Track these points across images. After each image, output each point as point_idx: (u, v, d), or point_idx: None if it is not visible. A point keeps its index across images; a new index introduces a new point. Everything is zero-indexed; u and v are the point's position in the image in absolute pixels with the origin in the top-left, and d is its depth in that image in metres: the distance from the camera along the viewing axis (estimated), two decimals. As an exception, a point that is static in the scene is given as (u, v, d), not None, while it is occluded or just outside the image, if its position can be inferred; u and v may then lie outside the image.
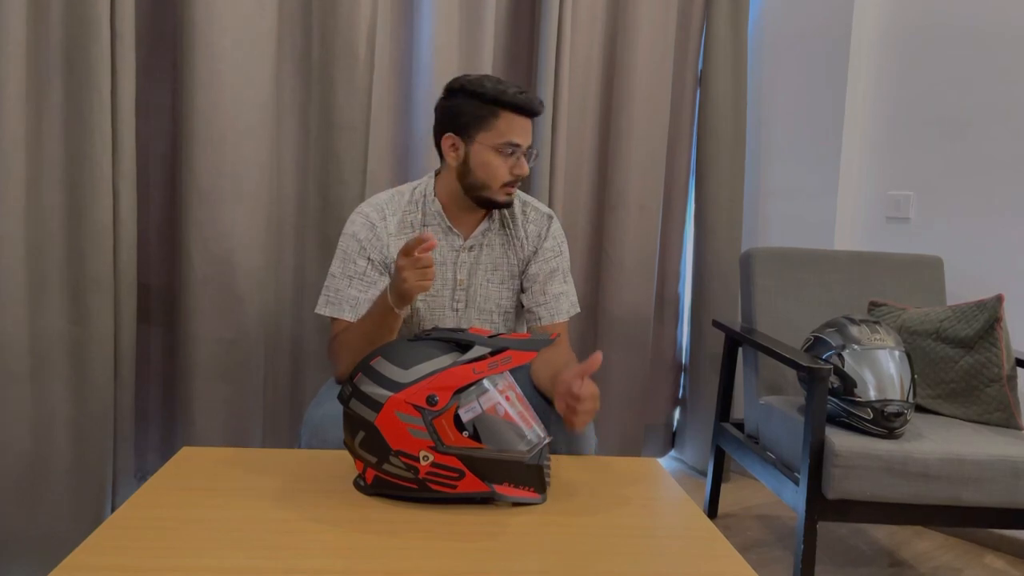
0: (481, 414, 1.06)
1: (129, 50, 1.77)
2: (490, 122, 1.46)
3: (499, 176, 1.48)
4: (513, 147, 1.47)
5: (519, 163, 1.49)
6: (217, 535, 0.95)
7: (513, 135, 1.46)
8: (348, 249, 1.53)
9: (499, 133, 1.46)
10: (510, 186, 1.51)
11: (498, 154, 1.47)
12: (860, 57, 2.59)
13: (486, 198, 1.51)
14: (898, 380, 1.77)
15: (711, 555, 0.98)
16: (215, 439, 1.99)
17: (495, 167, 1.48)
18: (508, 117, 1.46)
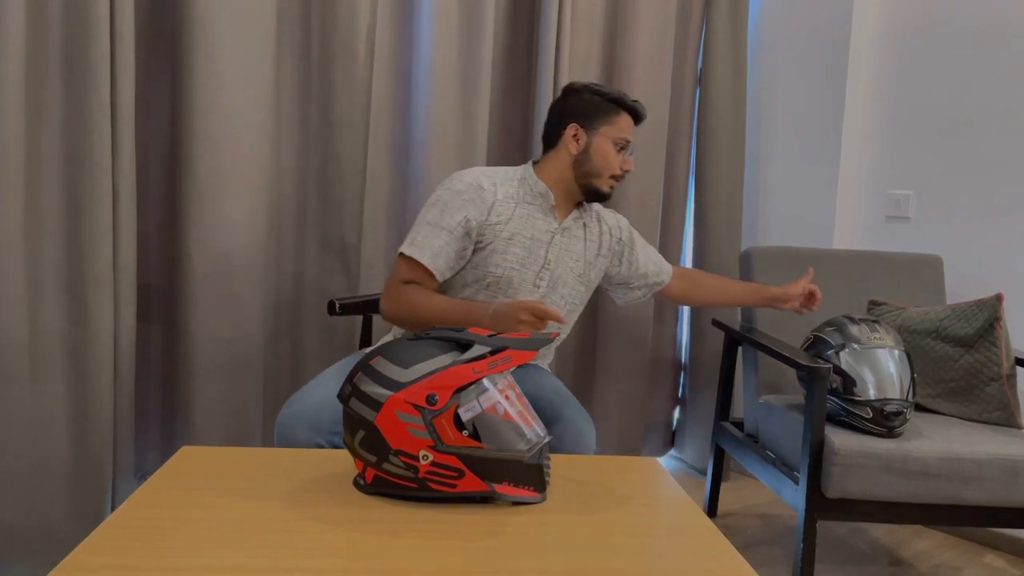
0: (481, 413, 1.06)
1: (129, 49, 1.77)
2: (612, 118, 1.67)
3: (612, 166, 1.67)
4: (627, 143, 1.67)
5: (627, 160, 1.69)
6: (217, 534, 0.95)
7: (628, 133, 1.68)
8: (448, 201, 1.58)
9: (619, 128, 1.67)
10: (616, 179, 1.69)
11: (615, 146, 1.66)
12: (860, 56, 2.59)
13: (594, 186, 1.67)
14: (897, 379, 1.77)
15: (711, 554, 0.98)
16: (215, 438, 1.99)
17: (611, 157, 1.66)
18: (626, 117, 1.69)
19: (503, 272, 1.60)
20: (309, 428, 1.40)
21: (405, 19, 2.22)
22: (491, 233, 1.59)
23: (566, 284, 1.69)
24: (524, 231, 1.62)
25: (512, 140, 2.45)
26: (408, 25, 2.22)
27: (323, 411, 1.43)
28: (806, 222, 2.68)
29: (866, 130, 2.62)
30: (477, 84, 2.24)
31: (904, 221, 2.54)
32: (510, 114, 2.44)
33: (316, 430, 1.41)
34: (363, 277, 2.18)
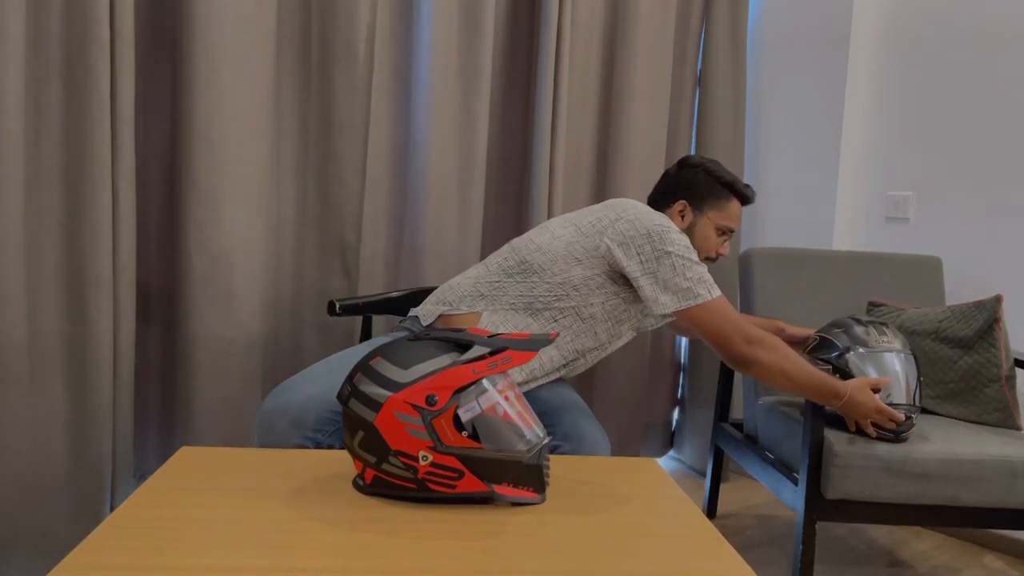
0: (480, 414, 1.06)
1: (128, 49, 1.77)
2: (723, 204, 1.70)
3: (709, 249, 1.71)
4: (730, 231, 1.71)
5: (725, 245, 1.72)
6: (216, 535, 0.95)
7: (735, 222, 1.72)
8: (677, 240, 1.54)
9: (727, 216, 1.71)
10: (712, 260, 1.74)
11: (718, 232, 1.71)
12: (860, 57, 2.59)
13: None
14: (904, 383, 1.75)
15: (710, 555, 0.98)
16: (214, 439, 1.99)
17: (712, 242, 1.71)
18: (737, 207, 1.72)
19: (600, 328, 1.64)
20: (291, 423, 1.38)
21: (405, 20, 2.22)
22: None
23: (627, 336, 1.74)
24: None
25: (512, 141, 2.45)
26: (408, 26, 2.23)
27: (309, 408, 1.40)
28: (806, 223, 2.68)
29: (866, 131, 2.62)
30: (477, 85, 2.24)
31: (903, 222, 2.54)
32: (510, 115, 2.44)
33: (298, 426, 1.38)
34: (363, 278, 2.18)
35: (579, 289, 1.56)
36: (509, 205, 2.47)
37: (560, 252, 1.57)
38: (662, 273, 1.52)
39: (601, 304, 1.58)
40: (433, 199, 2.22)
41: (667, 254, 1.52)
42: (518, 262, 1.61)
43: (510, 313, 1.58)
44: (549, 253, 1.58)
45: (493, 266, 1.64)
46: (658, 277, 1.52)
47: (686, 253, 1.53)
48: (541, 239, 1.62)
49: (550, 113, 2.35)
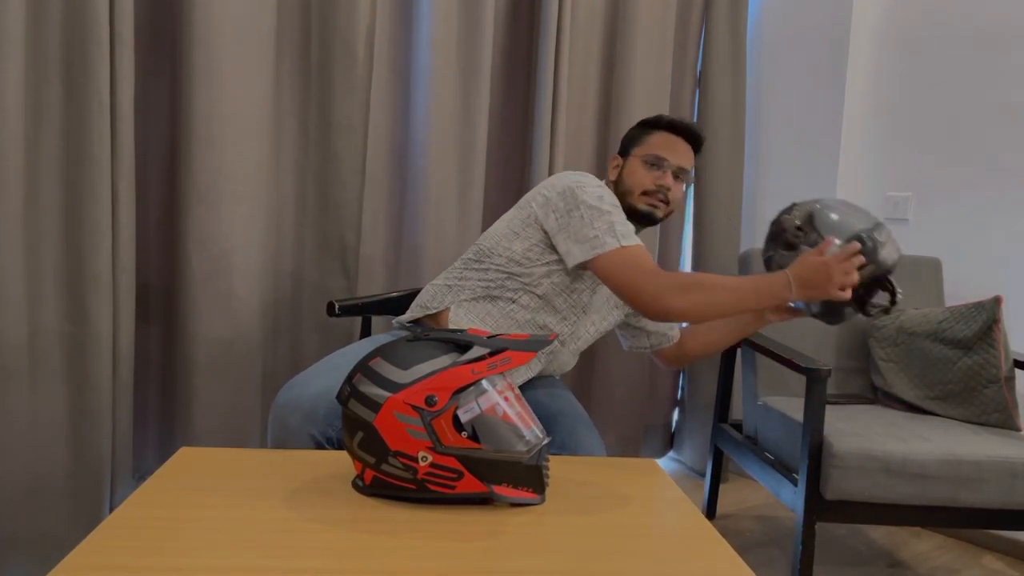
0: (480, 414, 1.06)
1: (128, 50, 1.77)
2: (645, 138, 1.66)
3: (641, 182, 1.63)
4: (658, 159, 1.63)
5: (663, 176, 1.62)
6: (216, 535, 0.95)
7: (659, 149, 1.63)
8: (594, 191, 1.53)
9: (649, 146, 1.64)
10: (651, 196, 1.62)
11: (644, 164, 1.63)
12: (859, 58, 2.59)
13: (629, 205, 1.63)
14: (843, 217, 1.56)
15: (709, 555, 0.98)
16: (213, 439, 1.99)
17: (639, 174, 1.63)
18: (660, 135, 1.65)
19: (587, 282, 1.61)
20: (304, 418, 1.38)
21: (404, 20, 2.22)
22: None
23: (600, 311, 1.69)
24: None
25: (512, 141, 2.45)
26: (407, 26, 2.23)
27: (319, 402, 1.41)
28: (805, 224, 2.68)
29: (865, 132, 2.62)
30: (476, 85, 2.24)
31: (903, 223, 2.54)
32: (510, 115, 2.44)
33: (310, 420, 1.39)
34: (362, 278, 2.18)
35: (522, 264, 1.56)
36: (509, 205, 2.47)
37: (503, 231, 1.61)
38: (572, 225, 1.50)
39: (547, 276, 1.57)
40: (433, 199, 2.22)
41: (577, 206, 1.50)
42: (475, 251, 1.64)
43: (472, 304, 1.60)
44: (495, 235, 1.62)
45: (458, 261, 1.68)
46: (570, 230, 1.51)
47: (597, 203, 1.50)
48: (493, 226, 1.66)
49: (550, 113, 2.35)
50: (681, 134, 1.65)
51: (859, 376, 2.24)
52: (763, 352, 2.04)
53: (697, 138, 1.67)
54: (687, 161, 1.65)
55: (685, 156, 1.65)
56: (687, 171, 1.66)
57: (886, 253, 1.50)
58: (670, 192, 1.63)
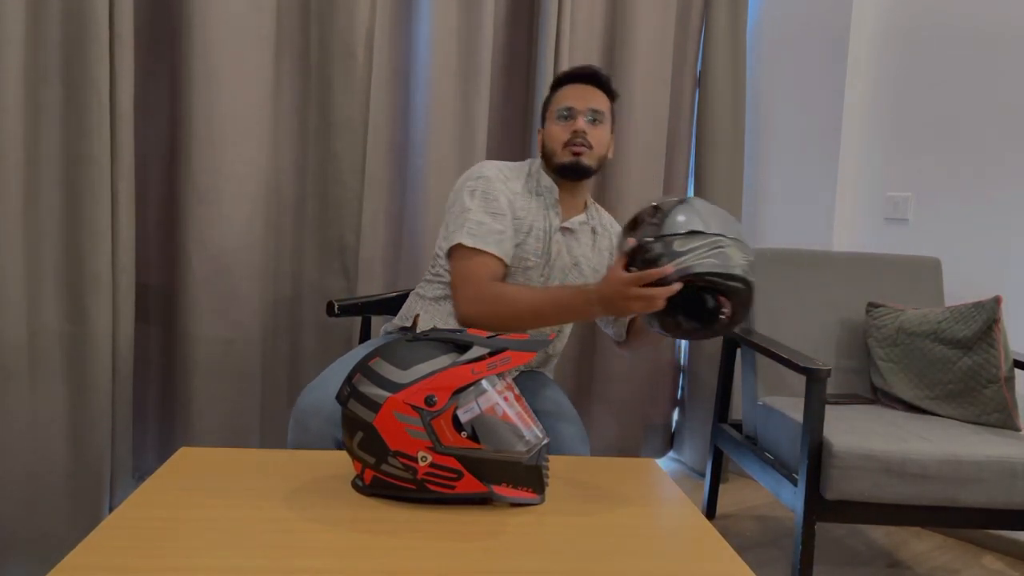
0: (479, 415, 1.06)
1: (128, 50, 1.77)
2: (552, 99, 1.64)
3: (558, 137, 1.59)
4: (568, 110, 1.58)
5: (575, 122, 1.57)
6: (215, 535, 0.95)
7: (565, 100, 1.60)
8: (486, 189, 1.54)
9: (556, 103, 1.61)
10: (571, 144, 1.57)
11: (556, 120, 1.60)
12: (859, 59, 2.59)
13: (557, 164, 1.59)
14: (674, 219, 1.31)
15: (709, 555, 0.98)
16: (213, 439, 1.99)
17: (555, 132, 1.60)
18: (564, 89, 1.62)
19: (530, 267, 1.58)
20: (325, 421, 1.38)
21: (404, 20, 2.22)
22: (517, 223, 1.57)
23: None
24: (538, 222, 1.59)
25: (511, 141, 2.45)
26: (407, 26, 2.23)
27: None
28: (805, 224, 2.68)
29: (865, 132, 2.62)
30: (476, 85, 2.24)
31: (902, 223, 2.54)
32: (509, 115, 2.44)
33: (332, 423, 1.39)
34: (362, 278, 2.18)
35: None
36: (508, 206, 2.47)
37: (441, 231, 1.62)
38: (447, 218, 1.58)
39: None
40: (433, 199, 2.22)
41: (455, 201, 1.57)
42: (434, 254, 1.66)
43: (432, 304, 1.61)
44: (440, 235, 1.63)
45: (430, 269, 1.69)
46: (446, 222, 1.58)
47: (467, 197, 1.53)
48: None
49: (549, 114, 2.35)
50: (582, 80, 1.61)
51: (859, 376, 2.24)
52: (763, 352, 2.04)
53: (597, 77, 1.62)
54: (597, 103, 1.59)
55: (594, 99, 1.60)
56: (601, 112, 1.59)
57: (694, 261, 1.26)
58: (588, 135, 1.56)
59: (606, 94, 1.63)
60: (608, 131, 1.63)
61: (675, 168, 2.74)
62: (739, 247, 1.30)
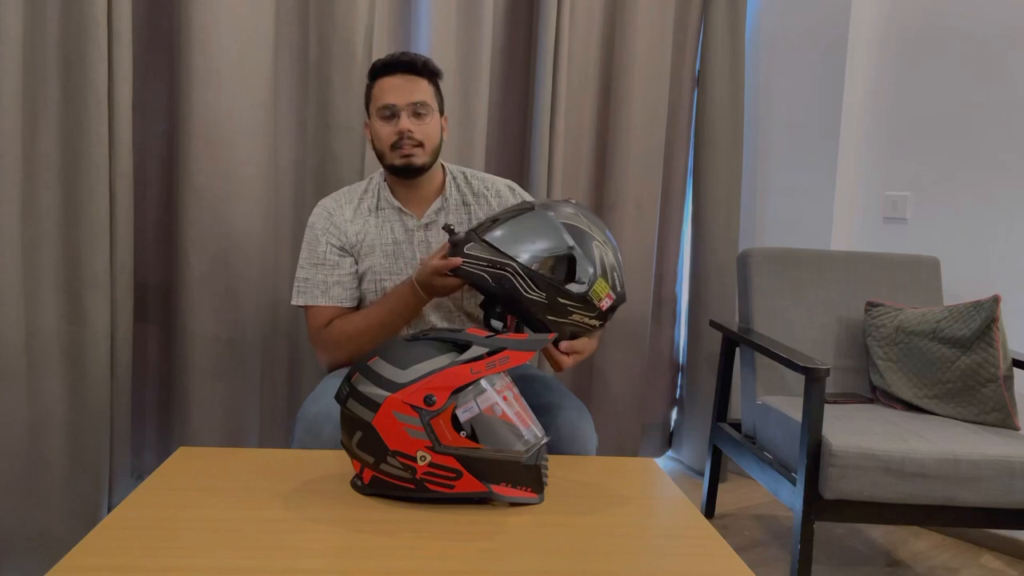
0: (479, 414, 1.06)
1: (126, 49, 1.77)
2: (371, 93, 1.55)
3: (384, 139, 1.52)
4: (389, 108, 1.50)
5: (399, 120, 1.49)
6: (214, 535, 0.95)
7: (386, 97, 1.50)
8: (310, 239, 1.59)
9: (376, 99, 1.52)
10: (400, 148, 1.50)
11: (380, 119, 1.52)
12: (857, 58, 2.60)
13: (389, 165, 1.55)
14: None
15: (708, 555, 0.98)
16: (212, 438, 1.99)
17: (379, 132, 1.53)
18: (382, 82, 1.52)
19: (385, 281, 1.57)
20: (337, 427, 1.36)
21: (403, 19, 2.22)
22: (356, 252, 1.57)
23: None
24: (382, 238, 1.57)
25: (510, 141, 2.45)
26: (406, 26, 2.22)
27: None
28: (803, 223, 2.68)
29: (863, 132, 2.62)
30: (475, 85, 2.24)
31: (901, 222, 2.54)
32: (508, 115, 2.44)
33: None
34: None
35: None
36: (507, 205, 2.47)
37: None
38: None
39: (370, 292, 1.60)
40: (431, 199, 2.22)
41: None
42: None
43: None
44: None
45: None
46: None
47: (304, 248, 1.59)
48: None
49: (548, 113, 2.35)
50: (399, 70, 1.51)
51: (858, 375, 2.25)
52: (762, 351, 2.04)
53: (414, 65, 1.51)
54: (420, 94, 1.51)
55: (415, 90, 1.50)
56: (424, 103, 1.51)
57: (476, 269, 1.30)
58: (415, 134, 1.50)
59: (426, 79, 1.54)
60: (437, 120, 1.55)
61: (674, 168, 2.74)
62: (532, 245, 1.31)
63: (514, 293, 1.27)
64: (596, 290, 1.31)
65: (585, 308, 1.31)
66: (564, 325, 1.33)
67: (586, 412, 1.47)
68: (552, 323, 1.32)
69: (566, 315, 1.31)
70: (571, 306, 1.30)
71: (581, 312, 1.32)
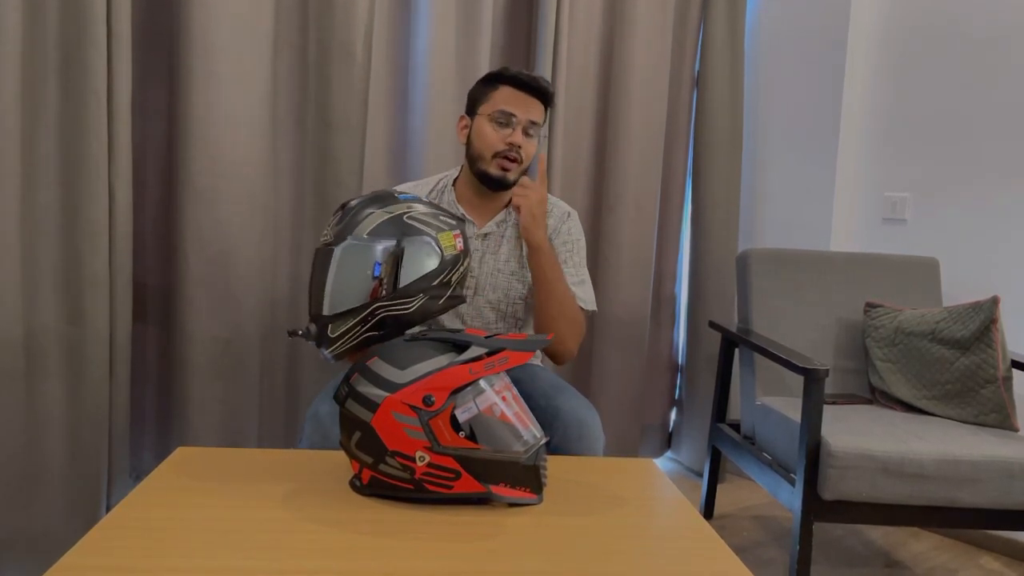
0: (477, 414, 1.06)
1: (125, 50, 1.77)
2: (489, 95, 1.55)
3: (491, 144, 1.53)
4: (506, 116, 1.52)
5: (514, 133, 1.52)
6: (212, 535, 0.95)
7: (507, 104, 1.52)
8: None
9: (494, 103, 1.53)
10: (504, 158, 1.53)
11: (492, 122, 1.53)
12: (857, 59, 2.60)
13: (481, 171, 1.55)
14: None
15: (707, 555, 0.98)
16: (211, 439, 1.98)
17: (488, 135, 1.53)
18: (506, 90, 1.54)
19: None
20: None
21: (403, 19, 2.22)
22: None
23: (497, 287, 1.62)
24: None
25: (510, 141, 2.45)
26: (406, 25, 2.22)
27: None
28: (803, 224, 2.68)
29: (863, 132, 2.62)
30: (475, 85, 2.24)
31: (901, 223, 2.54)
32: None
33: None
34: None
35: None
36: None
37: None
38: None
39: None
40: (431, 199, 2.22)
41: None
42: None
43: None
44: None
45: None
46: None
47: None
48: None
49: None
50: (527, 88, 1.54)
51: (857, 376, 2.25)
52: (761, 352, 2.05)
53: (544, 92, 1.55)
54: (537, 115, 1.55)
55: (534, 110, 1.54)
56: (537, 125, 1.56)
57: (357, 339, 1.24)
58: (521, 149, 1.53)
59: (545, 106, 1.58)
60: (537, 143, 1.59)
61: (673, 168, 2.74)
62: None
63: (401, 319, 1.23)
64: (447, 245, 1.26)
65: (453, 264, 1.27)
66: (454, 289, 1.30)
67: (594, 410, 1.48)
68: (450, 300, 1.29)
69: (448, 286, 1.27)
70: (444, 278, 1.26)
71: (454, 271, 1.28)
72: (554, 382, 1.58)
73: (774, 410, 2.02)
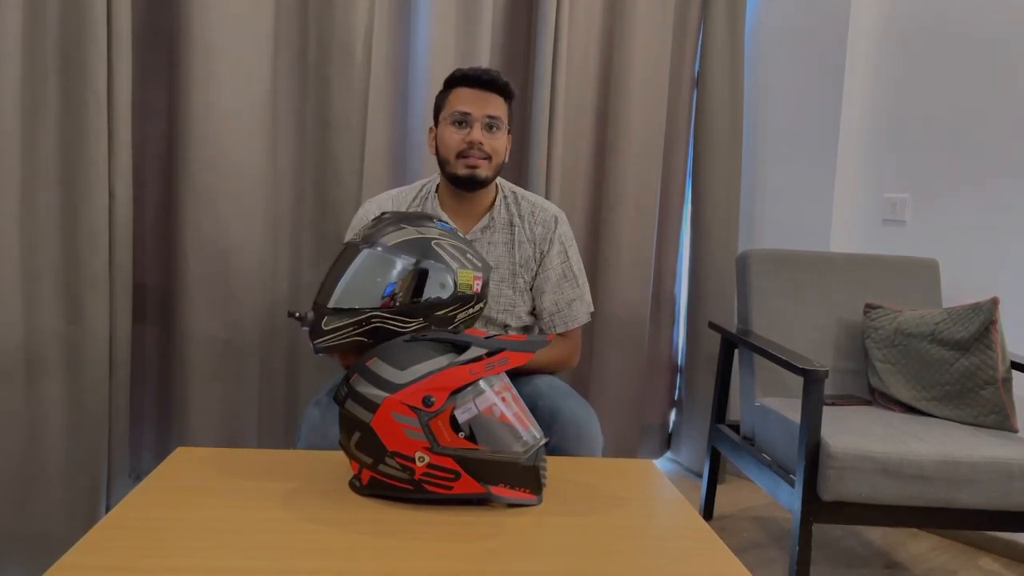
0: (477, 415, 1.06)
1: (126, 49, 1.77)
2: (446, 100, 1.58)
3: (452, 146, 1.54)
4: (463, 115, 1.54)
5: (472, 131, 1.53)
6: (212, 536, 0.95)
7: (461, 105, 1.54)
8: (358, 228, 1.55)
9: (451, 106, 1.56)
10: (466, 157, 1.53)
11: (451, 126, 1.55)
12: (857, 59, 2.60)
13: (451, 174, 1.56)
14: None
15: (706, 556, 0.98)
16: (210, 439, 1.98)
17: (448, 138, 1.55)
18: (460, 91, 1.56)
19: None
20: None
21: (402, 19, 2.22)
22: None
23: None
24: None
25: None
26: (405, 25, 2.22)
27: None
28: (803, 225, 2.68)
29: (863, 133, 2.62)
30: (475, 85, 2.24)
31: (900, 224, 2.54)
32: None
33: None
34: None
35: None
36: (507, 206, 2.47)
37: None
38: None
39: None
40: (430, 200, 2.21)
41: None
42: None
43: None
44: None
45: None
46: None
47: None
48: None
49: (547, 113, 2.35)
50: (479, 84, 1.55)
51: (856, 377, 2.25)
52: (761, 353, 2.05)
53: (495, 83, 1.56)
54: (494, 109, 1.55)
55: (491, 105, 1.55)
56: (498, 118, 1.55)
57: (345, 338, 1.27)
58: (484, 146, 1.53)
59: (503, 97, 1.58)
60: (505, 136, 1.59)
61: (673, 169, 2.74)
62: None
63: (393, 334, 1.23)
64: (463, 283, 1.29)
65: (463, 303, 1.29)
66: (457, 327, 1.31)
67: (592, 412, 1.48)
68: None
69: (451, 322, 1.29)
70: (450, 311, 1.28)
71: (462, 309, 1.30)
72: (553, 383, 1.58)
73: (773, 411, 2.02)
